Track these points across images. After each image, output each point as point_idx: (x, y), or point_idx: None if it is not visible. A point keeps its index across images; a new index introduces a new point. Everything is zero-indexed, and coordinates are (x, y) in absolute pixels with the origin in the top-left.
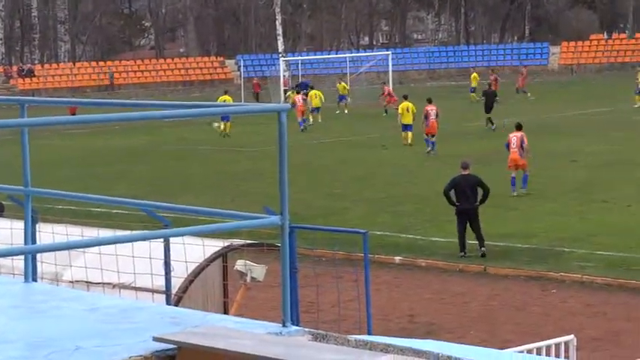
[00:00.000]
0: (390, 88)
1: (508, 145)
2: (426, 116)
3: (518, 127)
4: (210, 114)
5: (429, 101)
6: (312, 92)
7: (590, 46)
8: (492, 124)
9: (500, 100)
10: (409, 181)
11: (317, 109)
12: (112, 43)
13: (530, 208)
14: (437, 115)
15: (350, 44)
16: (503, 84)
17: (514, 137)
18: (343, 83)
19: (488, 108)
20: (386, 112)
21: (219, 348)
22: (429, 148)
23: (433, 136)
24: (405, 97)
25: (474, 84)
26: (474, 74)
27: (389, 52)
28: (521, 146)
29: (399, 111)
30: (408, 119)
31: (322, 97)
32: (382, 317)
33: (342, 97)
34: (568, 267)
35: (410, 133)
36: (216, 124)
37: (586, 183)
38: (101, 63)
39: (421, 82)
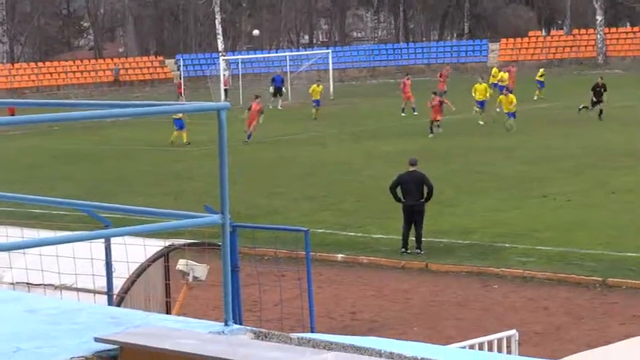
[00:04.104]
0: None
1: None
2: None
3: None
4: (148, 113)
5: None
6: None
7: (528, 43)
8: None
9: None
10: (350, 178)
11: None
12: (50, 44)
13: (470, 205)
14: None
15: (290, 43)
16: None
17: None
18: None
19: None
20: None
21: (161, 348)
22: None
23: None
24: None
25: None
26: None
27: (329, 51)
28: None
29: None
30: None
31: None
32: (325, 315)
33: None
34: (509, 262)
35: None
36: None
37: (525, 178)
38: (40, 64)
39: (362, 79)
